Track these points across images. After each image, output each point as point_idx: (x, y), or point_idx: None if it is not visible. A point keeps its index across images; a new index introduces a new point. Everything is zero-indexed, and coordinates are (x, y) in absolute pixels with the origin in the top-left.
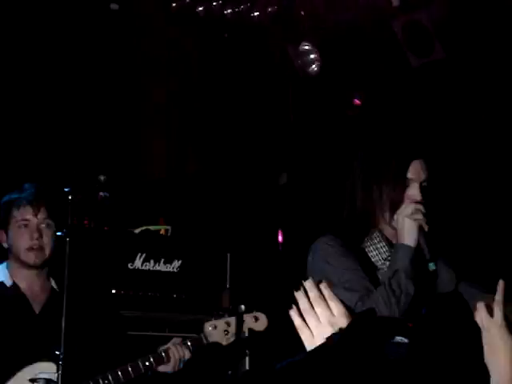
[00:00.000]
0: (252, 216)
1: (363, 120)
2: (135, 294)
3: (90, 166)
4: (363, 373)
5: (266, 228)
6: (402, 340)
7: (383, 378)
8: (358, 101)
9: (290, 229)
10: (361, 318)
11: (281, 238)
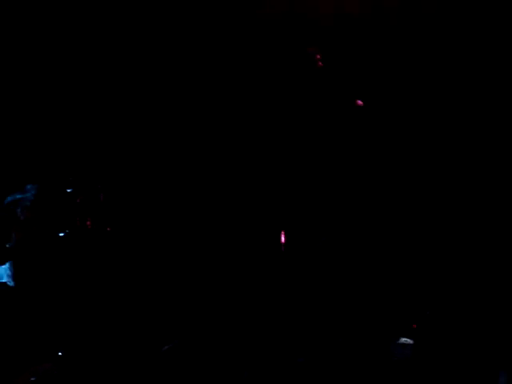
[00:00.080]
0: (254, 217)
1: (365, 119)
2: None
3: (91, 168)
4: (369, 373)
5: (268, 229)
6: (407, 341)
7: (388, 378)
8: (360, 102)
9: (292, 230)
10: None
11: (283, 239)
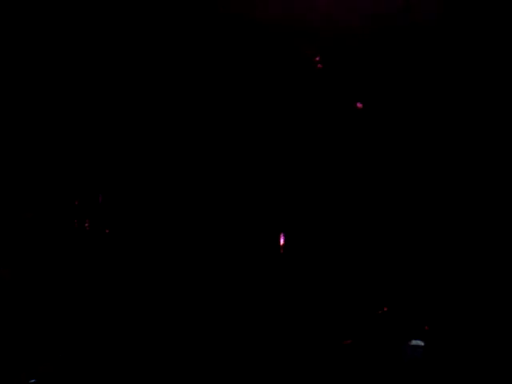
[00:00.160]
0: (253, 218)
1: (367, 121)
2: None
3: (90, 169)
4: (380, 374)
5: (267, 231)
6: (418, 343)
7: (399, 379)
8: (360, 104)
9: (292, 231)
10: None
11: (282, 241)
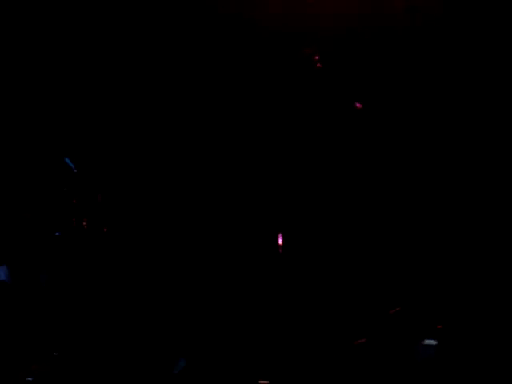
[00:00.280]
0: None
1: (366, 119)
2: None
3: (88, 168)
4: (393, 374)
5: (265, 231)
6: (431, 342)
7: (412, 379)
8: (358, 104)
9: (290, 232)
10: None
11: (281, 241)
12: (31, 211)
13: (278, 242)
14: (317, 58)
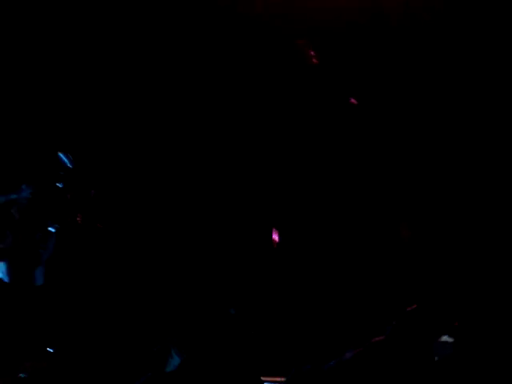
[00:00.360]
0: (246, 214)
1: (361, 117)
2: None
3: (82, 163)
4: (410, 372)
5: (260, 227)
6: (448, 339)
7: (430, 376)
8: (354, 100)
9: (286, 228)
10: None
11: (276, 238)
12: (25, 206)
13: (272, 238)
14: (312, 53)
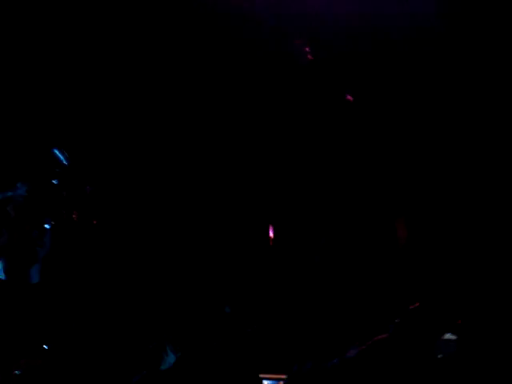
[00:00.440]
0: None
1: (356, 116)
2: None
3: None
4: (413, 370)
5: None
6: (451, 337)
7: (433, 374)
8: (349, 97)
9: (281, 224)
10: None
11: (272, 234)
12: (21, 204)
13: (268, 234)
14: (307, 50)
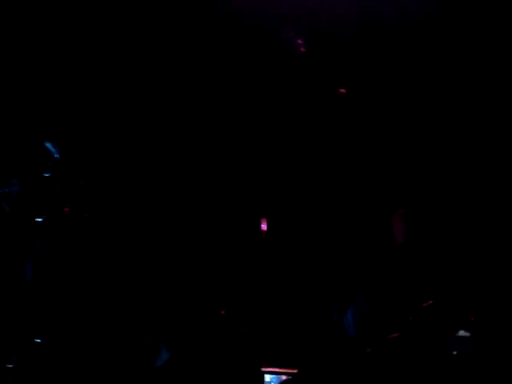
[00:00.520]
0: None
1: (350, 109)
2: None
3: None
4: (427, 367)
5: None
6: (465, 334)
7: (446, 372)
8: (342, 90)
9: (274, 217)
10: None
11: (265, 227)
12: (15, 200)
13: (261, 227)
14: (300, 42)
